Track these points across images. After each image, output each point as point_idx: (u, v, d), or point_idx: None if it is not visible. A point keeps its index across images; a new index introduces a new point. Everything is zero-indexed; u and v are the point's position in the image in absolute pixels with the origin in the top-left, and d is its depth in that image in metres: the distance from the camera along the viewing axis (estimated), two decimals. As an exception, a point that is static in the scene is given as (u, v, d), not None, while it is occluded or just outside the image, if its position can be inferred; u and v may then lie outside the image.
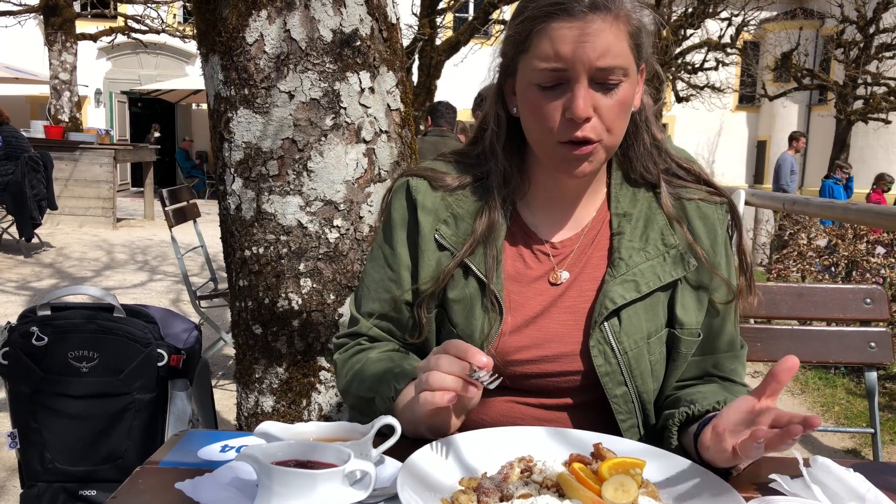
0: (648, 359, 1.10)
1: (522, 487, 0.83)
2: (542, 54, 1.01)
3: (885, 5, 16.24)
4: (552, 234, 1.16)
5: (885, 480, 0.96)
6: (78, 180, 10.11)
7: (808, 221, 6.53)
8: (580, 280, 1.13)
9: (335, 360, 1.21)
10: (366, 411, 1.11)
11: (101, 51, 19.35)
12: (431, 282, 1.13)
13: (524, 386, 1.13)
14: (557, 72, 1.01)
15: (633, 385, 1.10)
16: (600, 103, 1.02)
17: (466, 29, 9.49)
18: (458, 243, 1.13)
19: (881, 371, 4.61)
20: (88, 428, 1.99)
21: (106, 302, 2.02)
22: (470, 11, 16.55)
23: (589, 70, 1.00)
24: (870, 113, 16.79)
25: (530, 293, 1.13)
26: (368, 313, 1.19)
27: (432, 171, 1.19)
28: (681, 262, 1.11)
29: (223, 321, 4.52)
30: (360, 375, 1.13)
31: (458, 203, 1.15)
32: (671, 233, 1.12)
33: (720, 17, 16.18)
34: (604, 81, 1.01)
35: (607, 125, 1.03)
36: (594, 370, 1.09)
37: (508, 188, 1.15)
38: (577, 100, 1.00)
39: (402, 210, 1.18)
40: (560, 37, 0.99)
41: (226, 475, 0.92)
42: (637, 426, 1.12)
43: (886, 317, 1.74)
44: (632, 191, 1.16)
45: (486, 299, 1.11)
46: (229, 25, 1.76)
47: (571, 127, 1.02)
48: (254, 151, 1.81)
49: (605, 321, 1.08)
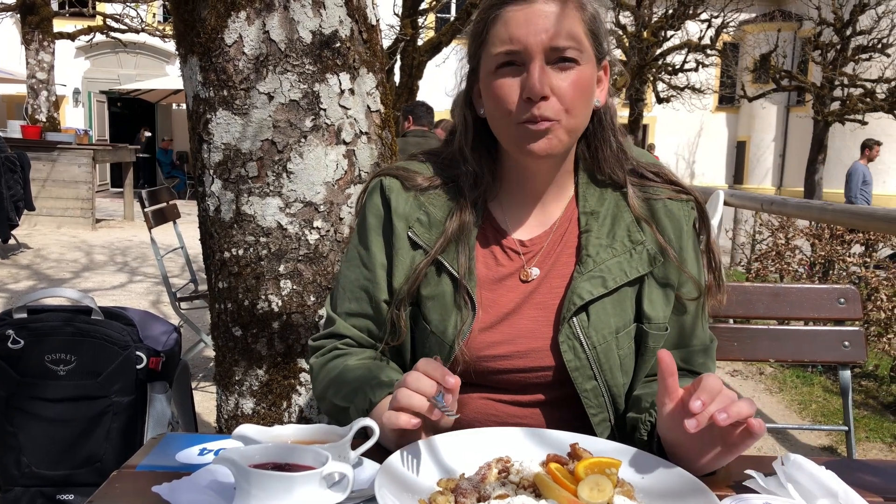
0: (617, 353, 1.12)
1: (499, 488, 0.84)
2: (498, 39, 1.06)
3: (862, 8, 16.47)
4: (522, 232, 1.18)
5: (859, 478, 0.98)
6: (56, 181, 10.00)
7: (787, 221, 6.60)
8: (550, 277, 1.15)
9: (311, 363, 1.21)
10: (341, 419, 1.11)
11: (80, 50, 19.14)
12: (406, 280, 1.14)
13: (496, 382, 1.14)
14: (512, 54, 1.04)
15: (603, 379, 1.11)
16: (556, 83, 1.04)
17: (448, 30, 9.49)
18: (431, 241, 1.14)
19: (855, 369, 4.68)
20: (66, 432, 1.97)
21: (83, 304, 2.00)
22: (452, 12, 16.57)
23: (543, 49, 1.03)
24: (846, 114, 17.02)
25: (502, 290, 1.15)
26: (346, 313, 1.20)
27: (405, 171, 1.20)
28: (647, 259, 1.13)
29: (203, 323, 4.49)
30: (336, 382, 1.13)
31: (430, 202, 1.17)
32: (637, 230, 1.14)
33: (700, 19, 16.34)
34: (558, 60, 1.04)
35: (566, 106, 1.05)
36: (564, 365, 1.11)
37: (479, 189, 1.17)
38: (533, 77, 1.03)
39: (376, 210, 1.19)
40: (512, 19, 1.04)
41: (203, 478, 0.91)
42: (608, 419, 1.14)
43: (860, 316, 1.77)
44: (599, 190, 1.18)
45: (458, 296, 1.12)
46: (208, 26, 1.75)
47: (529, 107, 1.05)
48: (233, 153, 1.80)
49: (574, 316, 1.10)
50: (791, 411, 4.22)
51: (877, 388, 4.55)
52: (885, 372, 4.68)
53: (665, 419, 0.95)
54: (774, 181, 24.51)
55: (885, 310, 4.66)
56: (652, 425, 1.04)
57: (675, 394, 0.93)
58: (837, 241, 5.60)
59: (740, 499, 0.88)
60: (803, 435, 3.84)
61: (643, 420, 1.06)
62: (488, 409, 1.15)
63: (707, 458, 0.93)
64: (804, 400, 4.39)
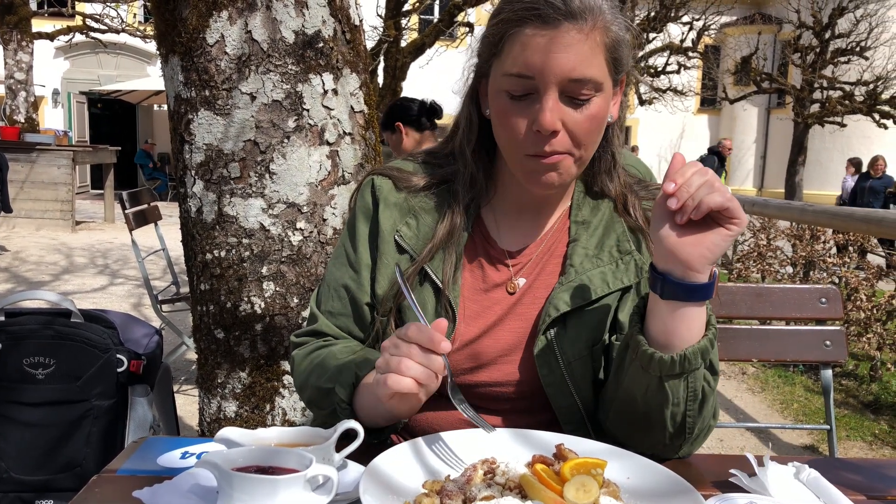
0: (592, 367, 1.09)
1: (485, 489, 0.83)
2: (512, 60, 0.98)
3: (840, 11, 16.68)
4: (512, 244, 1.15)
5: (842, 476, 0.99)
6: (35, 182, 9.89)
7: (768, 222, 6.67)
8: (534, 287, 1.12)
9: (293, 356, 1.18)
10: (323, 404, 1.08)
11: (59, 50, 18.94)
12: (388, 284, 1.12)
13: (472, 395, 1.10)
14: (525, 79, 0.97)
15: (577, 394, 1.08)
16: (569, 118, 0.98)
17: (432, 31, 9.49)
18: (417, 246, 1.11)
19: (836, 369, 4.72)
20: (45, 436, 1.94)
21: (63, 307, 1.98)
22: (435, 13, 16.57)
23: (559, 82, 0.96)
24: (826, 116, 17.22)
25: (487, 302, 1.12)
26: (329, 312, 1.18)
27: (398, 171, 1.17)
28: (634, 269, 1.10)
29: (185, 326, 4.44)
30: (320, 368, 1.10)
31: (421, 204, 1.14)
32: (627, 240, 1.11)
33: (682, 21, 16.45)
34: (574, 95, 0.97)
35: (576, 140, 1.00)
36: (539, 380, 1.08)
37: (474, 191, 1.14)
38: (545, 112, 0.96)
39: (364, 209, 1.17)
40: (531, 44, 0.96)
41: (185, 482, 0.90)
42: (587, 435, 1.08)
43: (841, 316, 1.78)
44: (595, 201, 1.15)
45: (440, 306, 1.09)
46: (189, 26, 1.74)
47: (538, 140, 0.99)
48: (215, 153, 1.79)
49: (550, 328, 1.07)
50: (773, 411, 4.25)
51: (857, 388, 4.60)
52: (865, 371, 4.73)
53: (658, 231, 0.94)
54: (756, 183, 24.74)
55: (865, 310, 4.72)
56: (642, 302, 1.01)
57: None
58: (817, 242, 5.66)
59: (725, 498, 0.89)
60: (785, 434, 3.87)
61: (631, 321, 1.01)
62: (462, 422, 1.12)
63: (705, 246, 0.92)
64: (786, 399, 4.42)
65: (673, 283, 0.94)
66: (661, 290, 0.95)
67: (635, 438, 1.04)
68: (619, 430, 1.06)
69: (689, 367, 0.95)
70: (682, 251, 0.92)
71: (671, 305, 0.95)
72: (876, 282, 5.02)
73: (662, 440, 1.03)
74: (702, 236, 0.92)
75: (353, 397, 1.03)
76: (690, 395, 0.98)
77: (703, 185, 0.89)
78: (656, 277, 0.95)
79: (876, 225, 3.43)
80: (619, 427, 1.06)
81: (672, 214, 0.92)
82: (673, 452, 1.05)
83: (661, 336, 0.96)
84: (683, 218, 0.91)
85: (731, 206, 0.89)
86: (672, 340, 0.96)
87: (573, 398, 1.08)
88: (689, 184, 0.90)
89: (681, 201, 0.89)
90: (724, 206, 0.89)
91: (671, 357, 0.95)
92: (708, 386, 1.00)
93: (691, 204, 0.89)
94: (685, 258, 0.92)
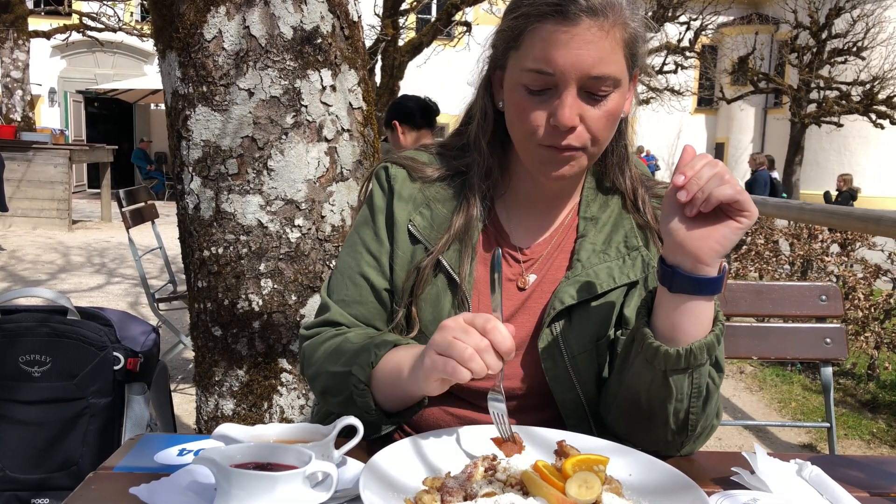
0: (597, 362, 1.09)
1: (486, 486, 0.83)
2: (533, 55, 0.98)
3: (837, 12, 16.70)
4: (525, 240, 1.15)
5: (844, 473, 0.98)
6: (31, 181, 9.86)
7: (766, 221, 6.67)
8: (543, 282, 1.12)
9: (304, 348, 1.15)
10: (337, 390, 1.05)
11: (56, 49, 18.89)
12: (404, 273, 1.11)
13: (483, 392, 1.06)
14: (545, 75, 0.97)
15: (580, 388, 1.08)
16: (587, 113, 0.99)
17: (429, 30, 9.48)
18: (431, 237, 1.11)
19: (836, 367, 4.72)
20: (41, 435, 1.93)
21: (59, 304, 1.97)
22: (433, 13, 16.56)
23: (579, 79, 0.96)
24: (822, 116, 17.25)
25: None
26: (342, 300, 1.15)
27: (412, 161, 1.16)
28: (641, 264, 1.10)
29: (182, 324, 4.43)
30: (335, 353, 1.07)
31: (435, 195, 1.13)
32: (635, 236, 1.11)
33: (679, 21, 16.46)
34: (593, 91, 0.98)
35: (593, 135, 1.01)
36: (543, 374, 1.07)
37: (489, 183, 1.13)
38: (564, 108, 0.97)
39: (380, 196, 1.16)
40: (552, 40, 0.96)
41: (183, 479, 0.89)
42: (590, 432, 1.08)
43: (841, 313, 1.78)
44: (604, 197, 1.15)
45: (455, 299, 1.09)
46: (187, 21, 1.73)
47: (555, 134, 0.99)
48: (212, 150, 1.78)
49: (555, 322, 1.07)
50: (771, 409, 4.25)
51: (854, 386, 4.60)
52: (863, 370, 4.73)
53: (669, 224, 0.94)
54: (753, 182, 24.79)
55: (863, 308, 4.72)
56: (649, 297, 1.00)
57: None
58: (815, 241, 5.66)
59: (728, 495, 0.88)
60: (784, 432, 3.86)
61: (639, 316, 1.00)
62: (469, 416, 1.11)
63: (715, 239, 0.91)
64: (784, 398, 4.42)
65: (682, 276, 0.93)
66: (670, 283, 0.94)
67: (637, 435, 1.03)
68: (621, 426, 1.06)
69: (695, 362, 0.95)
70: (692, 244, 0.92)
71: (679, 299, 0.94)
72: (874, 280, 5.02)
73: (664, 437, 1.02)
74: (711, 229, 0.91)
75: (371, 379, 1.01)
76: (694, 391, 0.98)
77: (712, 177, 0.89)
78: (665, 270, 0.95)
79: (874, 224, 3.43)
80: (622, 423, 1.06)
81: (682, 207, 0.91)
82: (675, 450, 1.04)
83: (668, 330, 0.96)
84: (693, 210, 0.91)
85: (741, 199, 0.89)
86: (678, 335, 0.95)
87: (576, 391, 1.08)
88: (698, 176, 0.89)
89: (690, 194, 0.89)
90: (734, 199, 0.89)
91: (676, 351, 0.94)
92: (712, 383, 1.00)
93: (701, 196, 0.89)
94: (695, 251, 0.92)
